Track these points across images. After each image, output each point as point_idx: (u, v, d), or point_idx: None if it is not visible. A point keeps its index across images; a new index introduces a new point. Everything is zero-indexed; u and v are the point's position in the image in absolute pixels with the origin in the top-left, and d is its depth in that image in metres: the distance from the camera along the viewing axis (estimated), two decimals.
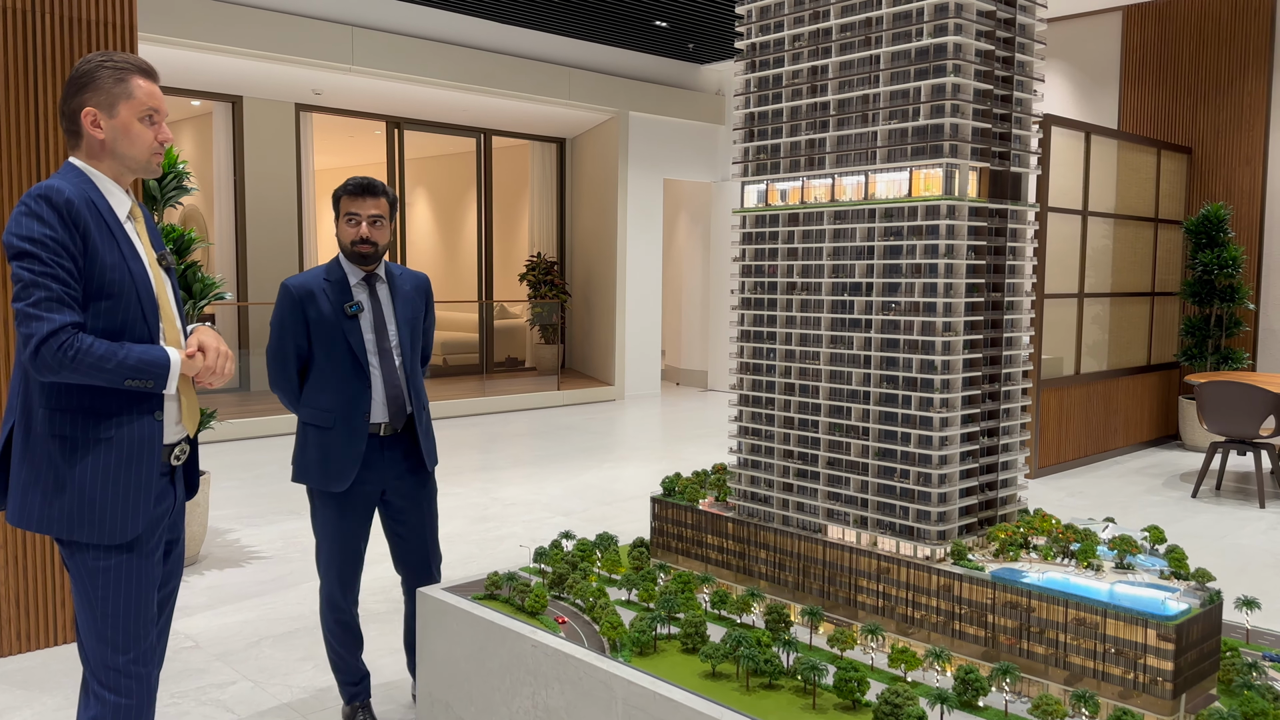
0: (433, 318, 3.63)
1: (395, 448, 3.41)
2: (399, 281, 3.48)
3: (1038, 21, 3.02)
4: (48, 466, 2.28)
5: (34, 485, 2.29)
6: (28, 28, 4.10)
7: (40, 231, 2.18)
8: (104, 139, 2.33)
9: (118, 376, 2.23)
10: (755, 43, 3.26)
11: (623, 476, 8.16)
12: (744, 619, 3.04)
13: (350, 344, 3.30)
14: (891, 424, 2.90)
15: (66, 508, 2.28)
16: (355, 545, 3.42)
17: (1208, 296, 9.28)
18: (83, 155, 2.35)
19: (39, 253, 2.18)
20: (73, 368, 2.18)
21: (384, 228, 3.37)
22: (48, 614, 4.24)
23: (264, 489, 7.47)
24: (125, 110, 2.33)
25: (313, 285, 3.35)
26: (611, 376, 13.07)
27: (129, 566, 2.36)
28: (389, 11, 10.74)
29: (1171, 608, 2.40)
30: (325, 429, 3.30)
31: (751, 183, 3.30)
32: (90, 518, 2.29)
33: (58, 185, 2.23)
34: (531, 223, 14.43)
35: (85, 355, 2.19)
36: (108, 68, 2.32)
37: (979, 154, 2.87)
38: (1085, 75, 10.77)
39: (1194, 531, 6.50)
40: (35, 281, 2.17)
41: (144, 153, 2.38)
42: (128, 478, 2.32)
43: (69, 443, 2.28)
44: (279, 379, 3.39)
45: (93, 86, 2.31)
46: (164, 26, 8.73)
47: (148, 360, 2.28)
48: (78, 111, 2.32)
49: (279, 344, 3.35)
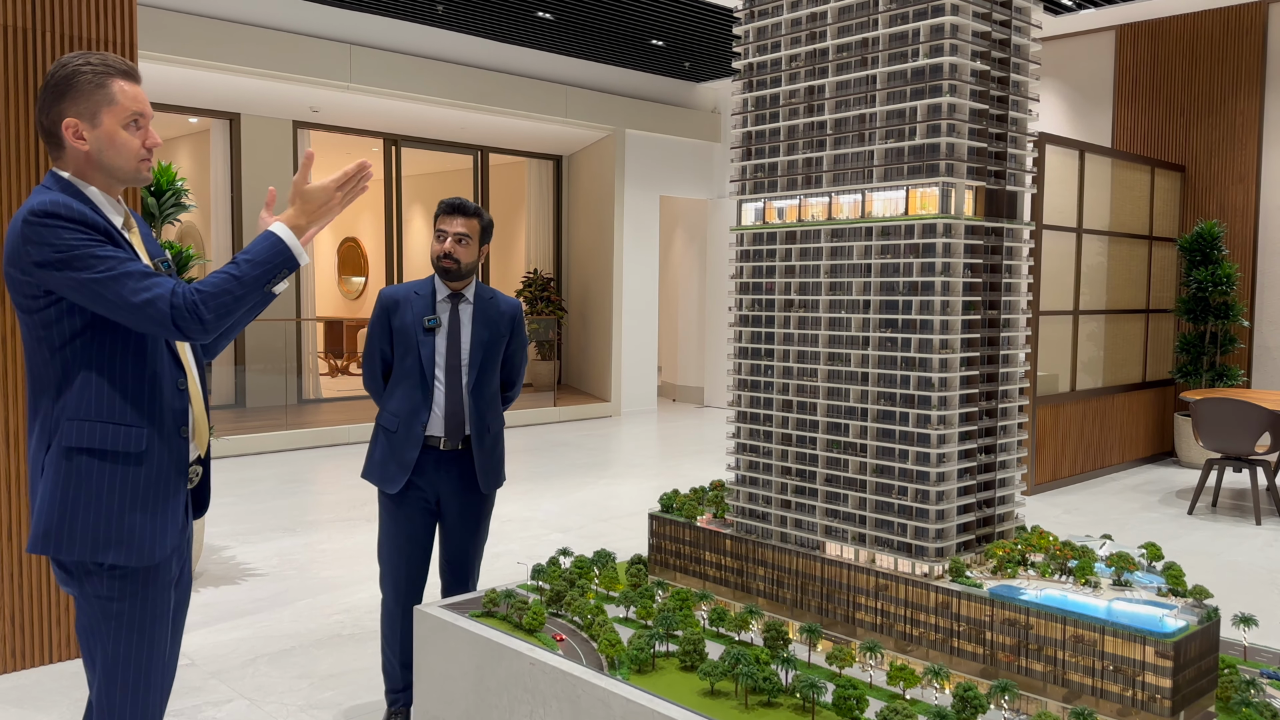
0: (520, 343, 3.72)
1: (452, 463, 3.53)
2: (487, 304, 3.59)
3: (1032, 42, 3.05)
4: (69, 481, 2.11)
5: (54, 503, 2.11)
6: (28, 46, 4.12)
7: (70, 237, 2.03)
8: (89, 150, 2.15)
9: (258, 284, 2.09)
10: (753, 63, 3.29)
11: (619, 493, 8.15)
12: (742, 636, 3.04)
13: (420, 356, 3.45)
14: (889, 441, 2.91)
15: (90, 527, 2.11)
16: (408, 549, 3.55)
17: (1202, 313, 9.32)
18: (68, 168, 2.17)
19: (86, 248, 2.03)
20: (219, 309, 2.06)
21: (470, 246, 3.50)
22: (43, 631, 4.22)
23: (260, 506, 7.45)
24: (109, 118, 2.14)
25: (402, 296, 3.54)
26: (608, 393, 13.07)
27: (146, 596, 2.18)
28: (387, 30, 10.79)
29: (1169, 625, 2.40)
30: (391, 432, 3.49)
31: (749, 201, 3.31)
32: (119, 538, 2.12)
33: (61, 200, 2.07)
34: (528, 239, 14.46)
35: (215, 292, 2.06)
36: (86, 71, 2.13)
37: (975, 173, 2.90)
38: (1079, 94, 10.84)
39: (1190, 548, 6.50)
40: (101, 279, 2.03)
41: (131, 161, 2.19)
42: (158, 496, 2.18)
43: (95, 455, 2.12)
44: (368, 379, 3.62)
45: (72, 94, 2.12)
46: (163, 44, 8.77)
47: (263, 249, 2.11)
48: (57, 123, 2.13)
49: (369, 347, 3.57)
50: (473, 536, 3.65)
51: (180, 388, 2.27)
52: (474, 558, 3.69)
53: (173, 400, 2.24)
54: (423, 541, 3.57)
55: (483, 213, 3.55)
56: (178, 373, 2.27)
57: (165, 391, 2.22)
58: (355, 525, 6.85)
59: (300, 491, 8.12)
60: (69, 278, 2.04)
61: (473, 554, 3.68)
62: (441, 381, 3.48)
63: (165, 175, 5.41)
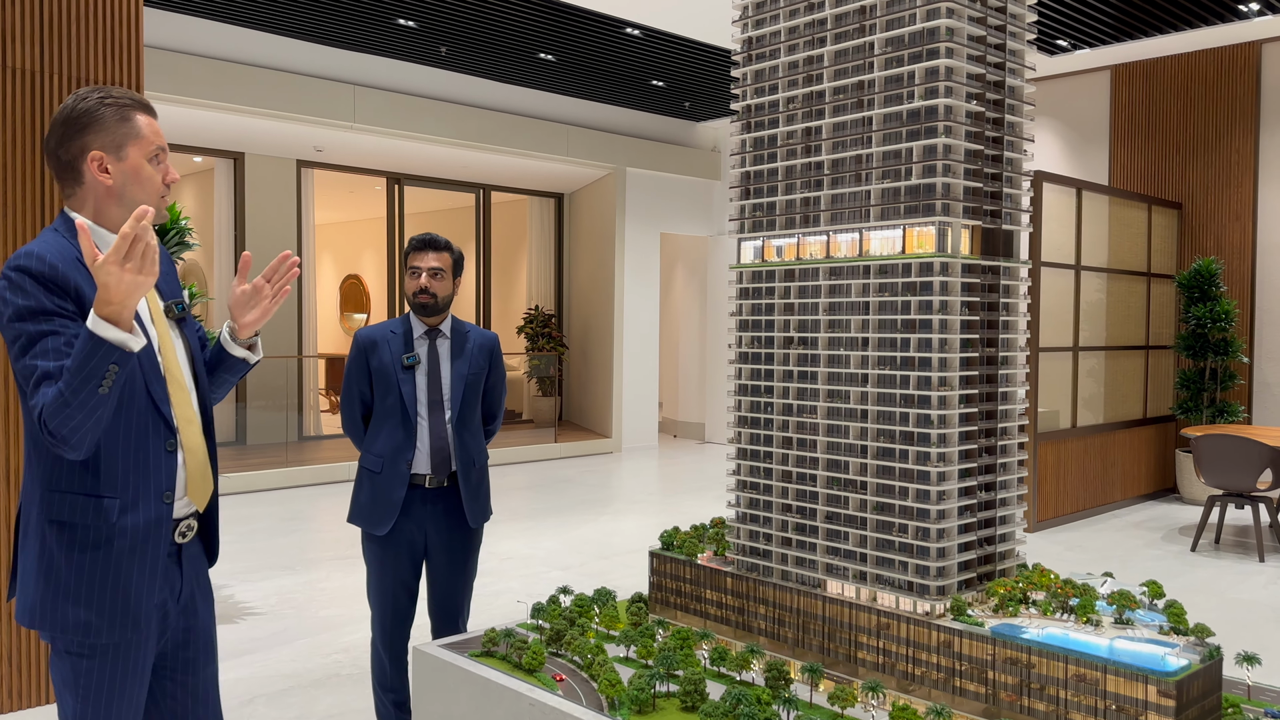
0: (500, 375, 3.73)
1: (439, 500, 3.52)
2: (465, 339, 3.60)
3: (1026, 83, 3.09)
4: (42, 555, 2.05)
5: (30, 577, 2.06)
6: (36, 88, 4.18)
7: (22, 303, 1.95)
8: (111, 184, 2.11)
9: (85, 388, 1.88)
10: (751, 104, 3.34)
11: (620, 530, 8.12)
12: (743, 676, 3.02)
13: (403, 394, 3.45)
14: (889, 478, 2.91)
15: (55, 606, 2.04)
16: (396, 589, 3.52)
17: (1201, 350, 9.34)
18: (84, 204, 2.12)
19: (26, 328, 1.95)
20: (58, 430, 1.91)
21: (445, 280, 3.53)
22: (41, 672, 4.19)
23: (258, 544, 7.43)
24: (134, 151, 2.12)
25: (378, 336, 3.53)
26: (609, 429, 13.07)
27: (115, 657, 2.09)
28: (390, 71, 10.93)
29: (1172, 664, 2.39)
30: (375, 473, 3.47)
31: (748, 239, 3.34)
32: (76, 618, 2.04)
33: (37, 251, 1.99)
34: (529, 276, 14.54)
35: (51, 412, 1.89)
36: (109, 104, 2.10)
37: (971, 212, 2.93)
38: (1075, 132, 10.95)
39: (1193, 586, 6.46)
40: (27, 368, 1.95)
41: (153, 196, 2.16)
42: (130, 565, 2.08)
43: (65, 529, 2.04)
44: (347, 423, 3.62)
45: (95, 127, 2.08)
46: (169, 85, 8.88)
47: (81, 350, 1.88)
48: (80, 155, 2.09)
49: (347, 389, 3.56)
50: (461, 573, 3.61)
51: (169, 450, 2.16)
52: (464, 596, 3.65)
53: (158, 466, 2.13)
54: (409, 584, 3.54)
55: (453, 246, 3.59)
56: (167, 434, 2.16)
57: (149, 457, 2.12)
58: (354, 564, 6.82)
59: (299, 529, 8.09)
60: (10, 345, 1.99)
61: (462, 592, 3.64)
62: (424, 418, 3.47)
63: (170, 213, 5.46)
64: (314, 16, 9.43)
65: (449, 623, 3.64)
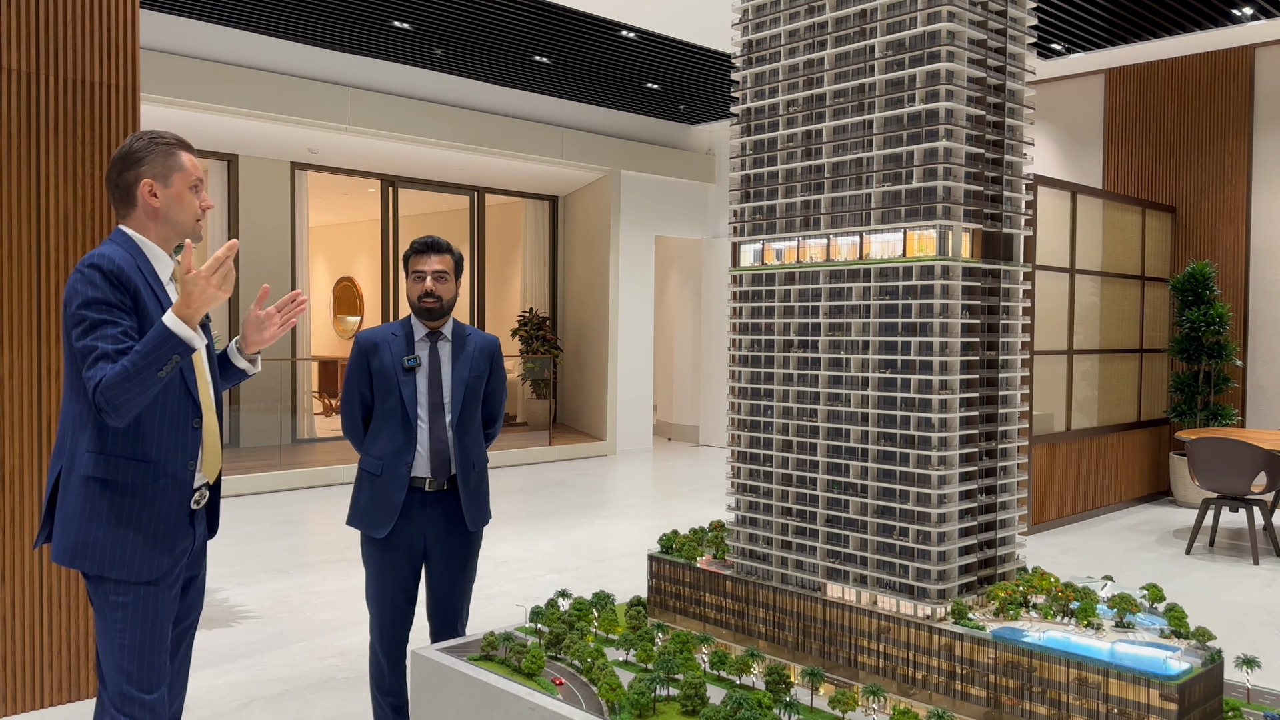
0: (500, 379, 3.71)
1: (438, 503, 3.50)
2: (465, 342, 3.58)
3: (1026, 87, 3.10)
4: (87, 506, 2.48)
5: (73, 523, 2.49)
6: (32, 90, 4.16)
7: (91, 294, 2.41)
8: (159, 207, 2.59)
9: (148, 370, 2.33)
10: (751, 107, 3.33)
11: (615, 533, 8.11)
12: (744, 680, 3.01)
13: (403, 397, 3.44)
14: (890, 481, 2.91)
15: (100, 545, 2.48)
16: (395, 592, 3.51)
17: (1195, 353, 9.36)
18: (135, 223, 2.59)
19: (90, 315, 2.40)
20: (113, 399, 2.33)
21: (448, 282, 3.53)
22: (35, 676, 4.16)
23: (254, 547, 7.40)
24: (179, 180, 2.61)
25: (379, 338, 3.53)
26: (603, 432, 13.05)
27: (147, 602, 2.54)
28: (385, 73, 10.91)
29: (1173, 667, 2.39)
30: (375, 476, 3.47)
31: (748, 242, 3.34)
32: (121, 556, 2.49)
33: (108, 253, 2.46)
34: (524, 278, 14.52)
35: (110, 384, 2.33)
36: (160, 144, 2.61)
37: (971, 215, 2.93)
38: (1069, 136, 10.98)
39: (1189, 589, 6.48)
40: (88, 347, 2.38)
41: (191, 219, 2.64)
42: (158, 520, 2.54)
43: (108, 486, 2.49)
44: (347, 425, 3.61)
45: (148, 160, 2.58)
46: (164, 87, 8.85)
47: (153, 338, 2.35)
48: (135, 183, 2.58)
49: (347, 392, 3.56)
50: (460, 577, 3.59)
51: (195, 426, 2.62)
52: (463, 599, 3.63)
53: (186, 438, 2.59)
54: (408, 587, 3.53)
55: (454, 248, 3.59)
56: (194, 414, 2.62)
57: (180, 431, 2.58)
58: (350, 566, 6.79)
59: (294, 532, 8.07)
60: (71, 329, 2.43)
61: (461, 596, 3.62)
62: (425, 421, 3.46)
63: None
64: (309, 18, 9.41)
65: (448, 626, 3.62)
